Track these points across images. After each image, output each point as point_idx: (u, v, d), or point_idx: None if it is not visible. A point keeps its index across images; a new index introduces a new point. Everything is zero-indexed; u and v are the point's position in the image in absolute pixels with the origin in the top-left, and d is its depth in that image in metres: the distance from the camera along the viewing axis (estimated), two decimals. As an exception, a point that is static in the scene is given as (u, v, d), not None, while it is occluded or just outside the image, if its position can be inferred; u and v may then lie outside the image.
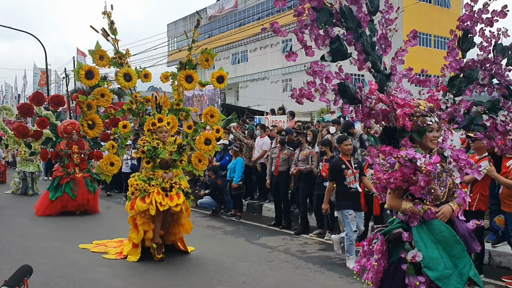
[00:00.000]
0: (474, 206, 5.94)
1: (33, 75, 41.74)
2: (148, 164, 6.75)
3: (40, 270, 6.26)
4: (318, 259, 7.00)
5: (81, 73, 6.73)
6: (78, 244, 7.68)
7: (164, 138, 6.78)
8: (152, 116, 6.92)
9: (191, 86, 7.07)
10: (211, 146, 7.22)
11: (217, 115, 7.28)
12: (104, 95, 6.99)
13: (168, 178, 6.75)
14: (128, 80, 6.91)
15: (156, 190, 6.62)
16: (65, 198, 10.57)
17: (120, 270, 6.36)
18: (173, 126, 7.10)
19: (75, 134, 10.90)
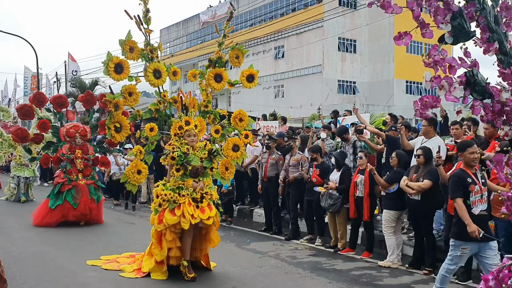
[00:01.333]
0: None
1: (24, 79, 41.52)
2: (178, 172, 5.98)
3: (29, 274, 6.22)
4: (308, 264, 7.00)
5: (111, 66, 5.88)
6: (67, 248, 7.62)
7: (192, 143, 6.08)
8: (179, 119, 6.21)
9: (220, 86, 6.41)
10: (239, 153, 6.52)
11: (246, 119, 6.61)
12: (132, 93, 6.12)
13: (200, 188, 6.04)
14: (157, 77, 6.17)
15: (187, 201, 5.91)
16: (66, 207, 9.70)
17: (109, 275, 6.32)
18: (201, 129, 6.37)
19: (78, 137, 10.12)
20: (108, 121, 6.29)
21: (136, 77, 6.14)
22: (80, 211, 9.74)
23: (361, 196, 7.37)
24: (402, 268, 6.70)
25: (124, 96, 6.08)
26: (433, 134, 7.14)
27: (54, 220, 9.60)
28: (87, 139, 10.27)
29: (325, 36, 40.01)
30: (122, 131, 6.33)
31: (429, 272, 6.37)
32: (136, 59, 6.12)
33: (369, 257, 7.26)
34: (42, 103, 10.36)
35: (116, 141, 6.60)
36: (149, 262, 6.19)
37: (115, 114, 6.19)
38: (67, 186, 9.86)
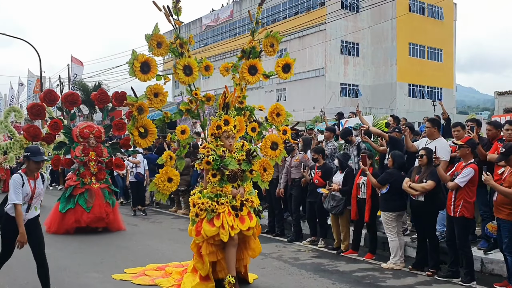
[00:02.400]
0: (458, 212, 5.98)
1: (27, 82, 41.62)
2: (215, 178, 5.41)
3: (31, 275, 6.18)
4: (311, 266, 6.98)
5: (136, 66, 5.25)
6: (69, 249, 7.61)
7: (230, 145, 5.49)
8: (218, 118, 5.57)
9: (255, 79, 5.83)
10: (279, 151, 5.95)
11: (284, 114, 6.00)
12: (158, 94, 5.42)
13: (240, 194, 5.47)
14: (188, 73, 5.58)
15: (226, 209, 5.35)
16: (78, 211, 9.13)
17: (111, 275, 6.31)
18: (239, 129, 5.73)
19: (92, 138, 9.56)
20: (131, 126, 5.50)
21: (164, 75, 5.54)
22: (95, 214, 9.13)
23: (363, 198, 7.35)
24: (405, 270, 6.68)
25: (149, 98, 5.40)
26: (437, 135, 7.13)
27: (69, 226, 9.06)
28: (101, 140, 9.79)
29: (327, 39, 40.07)
30: (148, 136, 5.54)
31: (433, 273, 6.34)
32: (164, 55, 5.56)
33: (372, 259, 7.23)
34: (53, 101, 9.78)
35: (141, 147, 5.85)
36: (192, 279, 5.56)
37: (138, 118, 5.43)
38: (80, 190, 9.33)
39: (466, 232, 6.19)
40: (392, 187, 6.77)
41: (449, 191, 6.20)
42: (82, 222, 9.04)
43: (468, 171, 5.94)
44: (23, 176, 5.01)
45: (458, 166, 6.21)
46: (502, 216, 5.62)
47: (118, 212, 9.71)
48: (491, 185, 5.67)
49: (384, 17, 40.00)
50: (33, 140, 9.84)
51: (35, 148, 5.17)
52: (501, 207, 5.63)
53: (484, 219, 6.88)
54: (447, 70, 45.08)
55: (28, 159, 5.03)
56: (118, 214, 9.66)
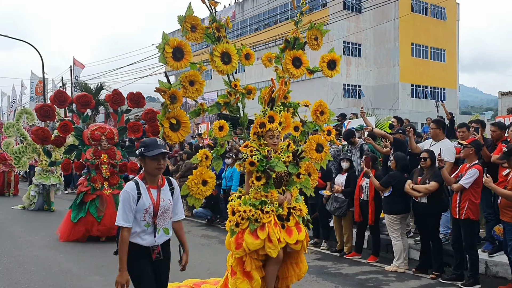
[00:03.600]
0: (463, 214, 5.92)
1: (30, 84, 41.73)
2: (259, 181, 4.64)
3: (33, 278, 6.21)
4: (314, 268, 6.94)
5: (167, 51, 4.48)
6: (71, 252, 7.58)
7: (274, 146, 4.78)
8: (262, 114, 4.91)
9: (299, 72, 5.18)
10: (324, 153, 5.15)
11: (327, 112, 5.37)
12: (195, 82, 4.72)
13: (288, 201, 4.71)
14: (226, 62, 4.91)
15: (272, 219, 4.56)
16: (89, 220, 8.61)
17: (113, 279, 6.25)
18: (284, 127, 5.05)
19: (104, 140, 8.98)
20: (161, 116, 4.69)
21: (200, 63, 4.90)
22: (106, 225, 8.52)
23: (366, 200, 7.31)
24: (409, 272, 6.63)
25: (184, 86, 4.70)
26: (442, 137, 7.08)
27: (80, 235, 8.58)
28: (114, 142, 9.19)
29: (329, 40, 40.02)
30: (181, 129, 4.71)
31: (436, 276, 6.29)
32: (199, 40, 4.92)
33: (375, 261, 7.19)
34: (64, 102, 9.18)
35: (172, 142, 4.91)
36: None
37: (171, 108, 4.65)
38: (91, 196, 8.78)
39: (472, 234, 6.13)
40: (395, 189, 6.73)
41: (452, 193, 6.16)
42: (92, 232, 8.60)
43: (472, 172, 5.89)
44: (140, 184, 3.58)
45: (462, 168, 6.16)
46: (506, 219, 5.57)
47: None
48: (491, 188, 5.61)
49: (387, 17, 39.92)
50: (42, 143, 9.55)
51: (151, 140, 3.66)
52: (505, 210, 5.58)
53: (489, 221, 6.83)
54: (450, 70, 44.95)
55: (143, 157, 3.55)
56: None
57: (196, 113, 5.11)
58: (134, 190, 3.52)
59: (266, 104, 5.00)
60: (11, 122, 13.14)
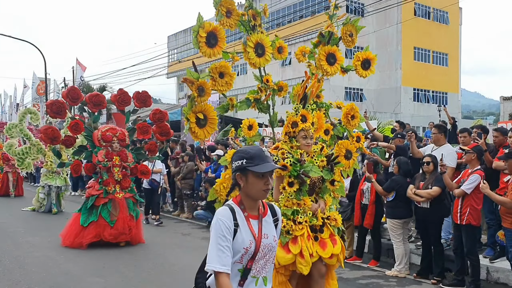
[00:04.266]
0: (464, 220, 5.90)
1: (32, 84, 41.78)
2: (291, 187, 4.15)
3: (33, 279, 6.20)
4: (314, 272, 6.91)
5: (202, 35, 4.05)
6: (72, 253, 7.57)
7: (308, 147, 4.30)
8: (294, 112, 4.41)
9: (333, 69, 4.75)
10: (352, 161, 4.68)
11: (358, 116, 4.89)
12: (225, 74, 4.24)
13: (321, 210, 4.27)
14: (260, 54, 4.48)
15: (305, 231, 4.11)
16: (101, 224, 8.21)
17: (113, 280, 6.28)
18: (317, 128, 4.59)
19: (116, 142, 8.62)
20: (188, 110, 4.16)
21: (233, 53, 4.52)
22: (118, 230, 8.25)
23: (367, 204, 7.30)
24: (410, 277, 6.60)
25: (213, 77, 4.22)
26: (444, 142, 7.07)
27: (87, 240, 8.15)
28: (125, 144, 8.86)
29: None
30: (208, 125, 4.19)
31: (437, 281, 6.27)
32: (233, 28, 4.50)
33: (376, 266, 7.17)
34: (76, 100, 8.78)
35: (197, 139, 4.40)
36: None
37: (198, 101, 4.14)
38: (103, 200, 8.38)
39: (473, 240, 6.12)
40: (398, 194, 6.71)
41: (454, 198, 6.14)
42: (103, 237, 8.17)
43: (474, 178, 5.87)
44: (236, 211, 2.51)
45: (464, 173, 6.15)
46: (507, 225, 5.57)
47: (141, 225, 8.85)
48: (487, 194, 5.59)
49: (389, 21, 39.94)
50: (52, 143, 9.19)
51: (257, 150, 2.55)
52: (505, 216, 5.58)
53: (490, 226, 6.81)
54: (452, 75, 44.91)
55: (244, 173, 2.48)
56: (140, 227, 8.79)
57: (225, 108, 4.69)
58: (230, 219, 2.45)
59: (299, 100, 4.48)
60: (14, 123, 12.88)
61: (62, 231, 8.48)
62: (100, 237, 8.18)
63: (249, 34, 4.50)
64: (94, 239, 8.15)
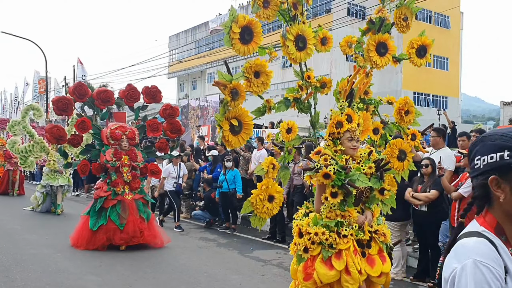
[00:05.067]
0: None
1: (33, 83, 41.82)
2: (335, 198, 3.68)
3: (30, 277, 6.20)
4: (311, 274, 6.91)
5: (235, 31, 3.57)
6: (69, 251, 7.56)
7: (354, 151, 3.85)
8: (340, 111, 3.94)
9: (384, 61, 4.24)
10: (406, 162, 4.20)
11: (413, 111, 4.35)
12: (260, 73, 3.78)
13: (369, 222, 3.82)
14: (301, 47, 3.97)
15: (351, 246, 3.68)
16: (111, 228, 7.84)
17: (109, 279, 6.27)
18: (363, 130, 4.07)
19: (125, 140, 8.21)
20: (221, 116, 3.69)
21: (270, 48, 4.04)
22: (129, 233, 7.84)
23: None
24: (406, 280, 6.60)
25: (248, 78, 3.76)
26: (442, 145, 7.07)
27: (100, 244, 7.81)
28: (135, 143, 8.44)
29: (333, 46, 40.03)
30: (242, 132, 3.75)
31: (434, 284, 6.25)
32: (271, 19, 4.02)
33: (373, 268, 7.16)
34: (83, 96, 8.38)
35: (231, 147, 3.84)
36: None
37: (231, 105, 3.66)
38: (111, 202, 7.97)
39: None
40: (396, 196, 6.69)
41: (452, 201, 6.14)
42: (114, 241, 7.83)
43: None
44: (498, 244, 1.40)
45: (462, 176, 6.15)
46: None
47: (155, 226, 8.40)
48: None
49: (391, 24, 40.02)
50: (58, 142, 8.69)
51: None
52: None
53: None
54: (453, 79, 44.95)
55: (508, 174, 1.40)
56: (155, 228, 8.34)
57: (261, 112, 4.17)
58: (498, 262, 1.35)
59: (345, 97, 3.99)
60: (17, 120, 12.54)
61: (72, 234, 8.13)
62: (110, 241, 7.80)
63: (289, 25, 3.96)
64: (106, 243, 7.81)
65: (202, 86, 51.87)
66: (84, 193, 15.84)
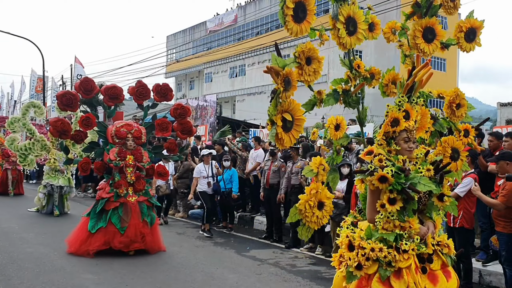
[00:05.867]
0: (457, 223, 5.94)
1: (31, 82, 41.76)
2: (393, 205, 3.16)
3: (26, 275, 6.19)
4: (308, 273, 6.93)
5: (288, 6, 3.11)
6: (65, 250, 7.54)
7: (410, 152, 3.37)
8: (397, 105, 3.44)
9: (432, 48, 3.81)
10: (460, 162, 3.75)
11: (465, 104, 3.91)
12: (312, 59, 3.36)
13: (431, 234, 3.30)
14: (351, 31, 3.56)
15: (412, 262, 3.17)
16: (111, 231, 7.42)
17: (106, 278, 6.27)
18: (418, 128, 3.54)
19: (131, 139, 7.77)
20: (273, 110, 3.16)
21: (321, 30, 3.53)
22: (130, 237, 7.42)
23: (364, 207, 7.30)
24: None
25: (300, 64, 3.33)
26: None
27: (94, 247, 7.34)
28: (141, 142, 7.98)
29: (330, 46, 40.06)
30: (293, 128, 3.24)
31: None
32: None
33: (370, 268, 7.17)
34: (90, 92, 8.01)
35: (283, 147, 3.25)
36: None
37: (283, 97, 3.16)
38: (113, 204, 7.55)
39: (466, 243, 6.14)
40: None
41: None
42: (112, 245, 7.39)
43: (467, 181, 5.90)
44: None
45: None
46: (499, 229, 5.60)
47: (157, 231, 7.94)
48: (478, 196, 5.62)
49: (388, 25, 40.08)
50: (60, 137, 8.22)
51: None
52: (498, 220, 5.61)
53: (483, 230, 6.84)
54: (450, 80, 45.01)
55: None
56: (157, 233, 7.90)
57: (312, 105, 3.67)
58: None
59: (405, 91, 3.51)
60: (17, 117, 12.02)
61: (68, 238, 7.70)
62: (108, 244, 7.39)
63: (339, 5, 3.49)
64: (102, 247, 7.35)
65: (200, 85, 51.89)
66: (81, 192, 15.77)
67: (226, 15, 49.00)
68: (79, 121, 8.01)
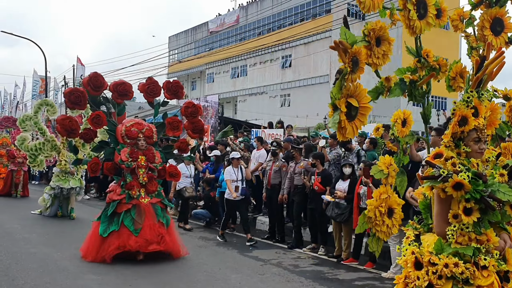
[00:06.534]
0: None
1: (33, 82, 41.86)
2: (469, 216, 2.75)
3: (29, 275, 6.21)
4: (311, 273, 6.94)
5: None
6: (69, 250, 7.56)
7: (481, 154, 2.98)
8: (464, 102, 2.97)
9: (500, 41, 3.47)
10: None
11: None
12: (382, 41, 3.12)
13: (509, 247, 2.85)
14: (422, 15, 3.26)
15: (493, 280, 2.71)
16: (124, 234, 6.99)
17: (109, 278, 6.29)
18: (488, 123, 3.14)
19: (142, 139, 7.42)
20: (337, 92, 2.82)
21: (393, 9, 3.29)
22: (146, 237, 7.00)
23: (365, 207, 7.30)
24: (405, 280, 6.61)
25: (369, 44, 3.01)
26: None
27: (109, 252, 6.92)
28: (153, 141, 7.65)
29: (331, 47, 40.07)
30: (357, 117, 2.87)
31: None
32: None
33: (372, 268, 7.19)
34: (99, 88, 7.62)
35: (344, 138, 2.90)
36: None
37: (349, 80, 2.83)
38: (125, 206, 7.17)
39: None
40: None
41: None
42: (128, 247, 6.96)
43: None
44: None
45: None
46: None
47: (174, 233, 7.58)
48: None
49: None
50: (69, 136, 7.88)
51: None
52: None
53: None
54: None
55: None
56: (175, 235, 7.52)
57: (379, 92, 3.29)
58: None
59: (475, 85, 3.02)
60: (29, 115, 11.40)
61: (82, 245, 7.33)
62: (124, 247, 6.96)
63: None
64: (117, 251, 6.93)
65: (202, 86, 51.95)
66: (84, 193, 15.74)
67: (228, 16, 49.08)
68: (89, 118, 7.64)
